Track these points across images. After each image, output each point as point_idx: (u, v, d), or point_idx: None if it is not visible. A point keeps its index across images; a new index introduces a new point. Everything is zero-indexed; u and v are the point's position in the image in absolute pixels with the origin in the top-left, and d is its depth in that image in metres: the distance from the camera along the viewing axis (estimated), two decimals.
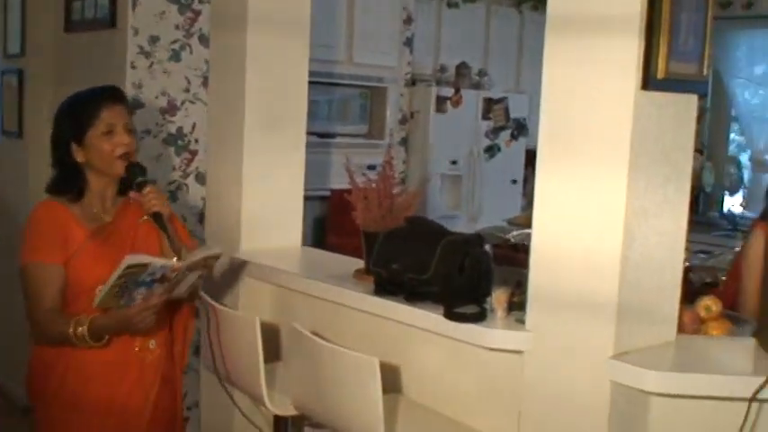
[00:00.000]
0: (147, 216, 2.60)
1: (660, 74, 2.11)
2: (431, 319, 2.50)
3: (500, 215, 6.09)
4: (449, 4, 6.65)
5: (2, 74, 4.87)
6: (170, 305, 2.62)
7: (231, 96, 3.40)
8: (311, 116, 3.68)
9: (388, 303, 2.64)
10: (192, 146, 4.00)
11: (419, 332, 2.62)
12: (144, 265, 2.36)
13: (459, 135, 6.40)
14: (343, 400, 2.46)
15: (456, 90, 6.36)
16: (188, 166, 4.00)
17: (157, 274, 2.40)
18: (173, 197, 3.88)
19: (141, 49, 3.84)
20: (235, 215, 3.40)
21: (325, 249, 3.80)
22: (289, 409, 2.73)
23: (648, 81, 2.11)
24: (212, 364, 2.93)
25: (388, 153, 3.02)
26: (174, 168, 3.96)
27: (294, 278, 3.13)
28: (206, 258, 2.56)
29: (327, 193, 5.30)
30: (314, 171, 3.92)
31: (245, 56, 3.32)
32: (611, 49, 2.15)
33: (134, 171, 2.62)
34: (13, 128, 4.71)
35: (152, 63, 3.87)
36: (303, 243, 3.58)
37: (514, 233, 5.22)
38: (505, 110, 6.65)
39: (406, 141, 6.16)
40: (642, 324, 2.23)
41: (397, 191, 2.91)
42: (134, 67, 3.83)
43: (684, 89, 2.23)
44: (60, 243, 2.51)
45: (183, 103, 3.97)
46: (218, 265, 2.70)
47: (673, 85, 2.16)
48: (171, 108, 3.94)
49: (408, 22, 6.06)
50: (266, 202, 3.42)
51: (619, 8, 2.13)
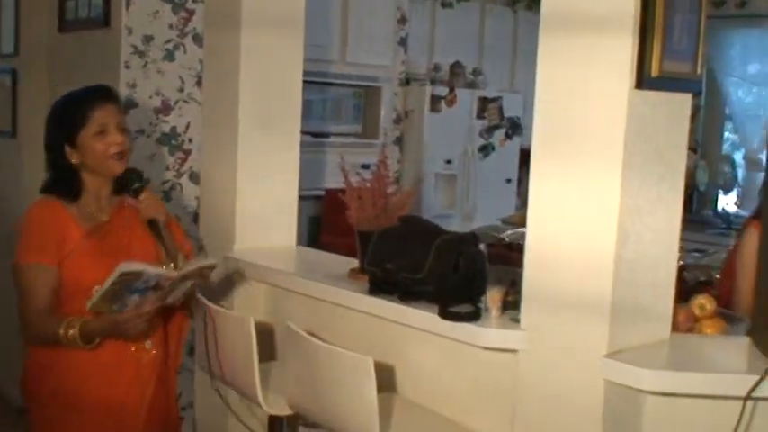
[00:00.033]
0: (144, 223, 2.61)
1: (654, 73, 2.12)
2: (425, 318, 2.50)
3: (494, 214, 6.10)
4: (443, 4, 6.65)
5: None
6: (165, 306, 2.61)
7: (225, 96, 3.40)
8: (305, 116, 3.68)
9: (383, 303, 2.64)
10: (186, 145, 3.99)
11: (414, 331, 2.62)
12: (138, 273, 2.35)
13: (454, 134, 6.40)
14: (338, 399, 2.46)
15: (450, 89, 6.36)
16: (182, 165, 3.99)
17: (151, 282, 2.39)
18: (166, 197, 3.87)
19: (135, 48, 3.83)
20: (229, 215, 3.39)
21: (320, 249, 3.80)
22: (283, 409, 2.72)
23: (642, 80, 2.11)
24: (207, 364, 2.92)
25: (382, 152, 3.03)
26: (168, 168, 3.96)
27: (289, 278, 3.12)
28: (201, 268, 2.57)
29: (322, 193, 5.30)
30: (308, 170, 3.91)
31: (239, 55, 3.31)
32: (604, 48, 2.15)
33: (131, 177, 2.62)
34: (6, 128, 4.70)
35: (146, 63, 3.86)
36: (297, 242, 3.58)
37: (509, 232, 5.22)
38: (500, 109, 6.65)
39: (400, 141, 6.17)
40: (636, 322, 2.23)
41: (391, 190, 2.91)
42: (128, 67, 3.82)
43: (678, 88, 2.23)
44: (56, 243, 2.50)
45: (177, 102, 3.96)
46: (213, 274, 2.71)
47: (666, 83, 2.16)
48: (165, 108, 3.93)
49: (402, 21, 6.07)
50: (260, 202, 3.42)
51: (613, 7, 2.13)
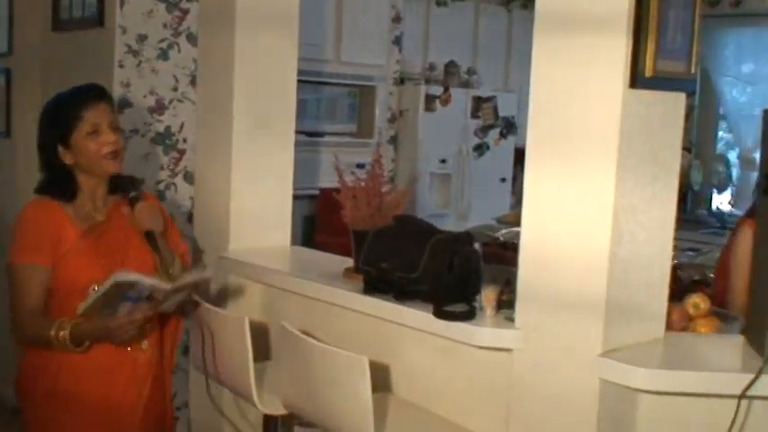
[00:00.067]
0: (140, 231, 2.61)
1: (648, 72, 2.12)
2: (420, 317, 2.50)
3: (489, 213, 6.11)
4: (437, 3, 6.65)
5: None
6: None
7: (220, 95, 3.39)
8: (300, 115, 3.67)
9: (378, 302, 2.64)
10: (181, 145, 3.98)
11: (409, 331, 2.62)
12: (132, 283, 2.34)
13: (448, 133, 6.39)
14: (333, 399, 2.46)
15: (445, 88, 6.36)
16: (176, 165, 3.99)
17: (145, 293, 2.39)
18: (161, 197, 3.86)
19: (129, 47, 3.82)
20: (223, 214, 3.39)
21: (314, 248, 3.79)
22: (278, 409, 2.72)
23: (636, 79, 2.12)
24: (202, 364, 2.92)
25: (376, 152, 3.02)
26: (163, 168, 3.95)
27: (283, 277, 3.12)
28: (196, 282, 2.56)
29: (316, 192, 5.30)
30: (303, 170, 3.91)
31: (233, 55, 3.31)
32: (599, 47, 2.15)
33: (126, 185, 2.62)
34: (0, 127, 4.69)
35: (140, 62, 3.85)
36: (292, 242, 3.58)
37: (503, 231, 5.22)
38: (494, 108, 6.65)
39: (394, 140, 6.16)
40: (631, 321, 2.23)
41: (386, 189, 2.90)
42: (122, 66, 3.82)
43: (672, 87, 2.23)
44: (50, 243, 2.50)
45: (172, 102, 3.95)
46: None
47: (661, 83, 2.16)
48: (159, 107, 3.92)
49: (397, 20, 6.06)
50: (255, 201, 3.41)
51: (607, 6, 2.13)
